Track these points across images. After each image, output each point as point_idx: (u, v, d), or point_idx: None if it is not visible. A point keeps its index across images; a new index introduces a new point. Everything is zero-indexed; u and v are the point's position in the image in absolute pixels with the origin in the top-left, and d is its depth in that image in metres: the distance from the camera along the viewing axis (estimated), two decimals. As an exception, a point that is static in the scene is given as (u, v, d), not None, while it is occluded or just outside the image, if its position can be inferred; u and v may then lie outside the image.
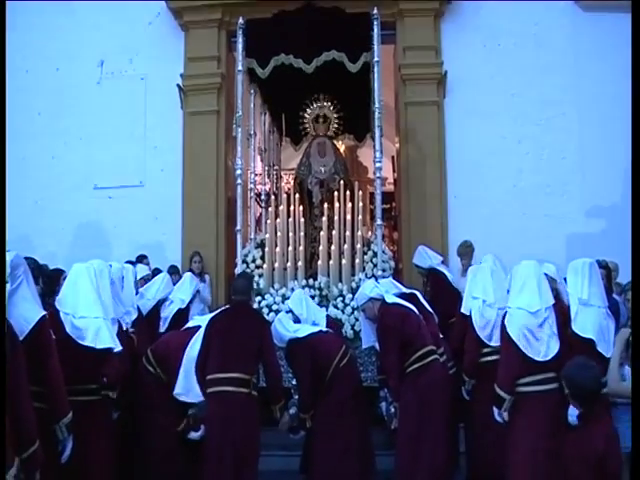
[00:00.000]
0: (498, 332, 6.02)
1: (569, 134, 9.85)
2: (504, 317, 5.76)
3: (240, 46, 8.14)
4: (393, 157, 12.39)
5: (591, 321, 5.46)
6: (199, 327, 6.25)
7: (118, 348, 5.25)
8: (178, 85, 10.24)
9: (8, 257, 4.31)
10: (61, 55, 10.62)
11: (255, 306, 7.59)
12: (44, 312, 4.52)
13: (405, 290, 6.96)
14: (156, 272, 8.68)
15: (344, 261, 8.10)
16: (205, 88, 10.27)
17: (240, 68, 8.21)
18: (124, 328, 6.09)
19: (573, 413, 4.98)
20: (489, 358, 6.31)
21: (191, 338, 6.17)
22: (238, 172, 8.13)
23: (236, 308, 6.31)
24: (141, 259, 9.19)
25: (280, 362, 6.44)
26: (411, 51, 10.16)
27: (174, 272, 9.16)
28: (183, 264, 9.68)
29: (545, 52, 9.99)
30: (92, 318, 5.11)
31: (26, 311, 4.31)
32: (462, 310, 6.99)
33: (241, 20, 8.09)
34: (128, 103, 10.47)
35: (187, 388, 5.98)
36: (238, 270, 8.20)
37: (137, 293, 7.38)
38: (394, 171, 12.44)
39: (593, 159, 9.67)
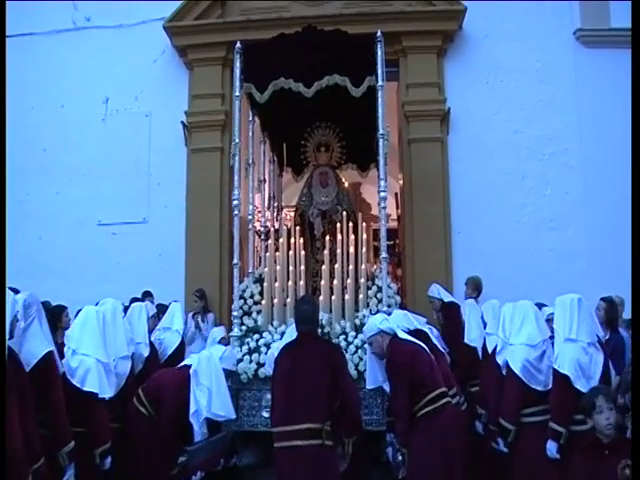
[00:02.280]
0: None
1: (572, 169, 9.89)
2: (495, 350, 6.16)
3: (238, 70, 7.79)
4: (396, 194, 12.40)
5: (569, 357, 5.48)
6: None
7: (105, 395, 5.33)
8: (182, 122, 10.30)
9: (22, 296, 4.85)
10: (66, 92, 10.72)
11: (253, 345, 7.24)
12: (51, 348, 4.92)
13: (416, 325, 6.61)
14: (160, 308, 8.67)
15: (347, 296, 7.51)
16: (209, 125, 10.32)
17: (237, 93, 7.84)
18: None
19: (552, 448, 5.38)
20: None
21: (187, 377, 5.91)
22: (235, 203, 7.73)
23: (301, 342, 5.70)
24: (146, 295, 9.18)
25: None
26: (414, 88, 10.23)
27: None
28: (186, 301, 9.65)
29: (547, 88, 10.08)
30: (86, 357, 5.34)
31: (34, 347, 4.76)
32: (466, 341, 7.31)
33: (238, 44, 7.84)
34: (132, 140, 10.53)
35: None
36: (235, 306, 7.67)
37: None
38: (397, 208, 12.45)
39: (596, 194, 9.69)
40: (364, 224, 8.43)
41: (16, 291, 5.44)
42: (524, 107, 10.07)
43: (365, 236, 8.28)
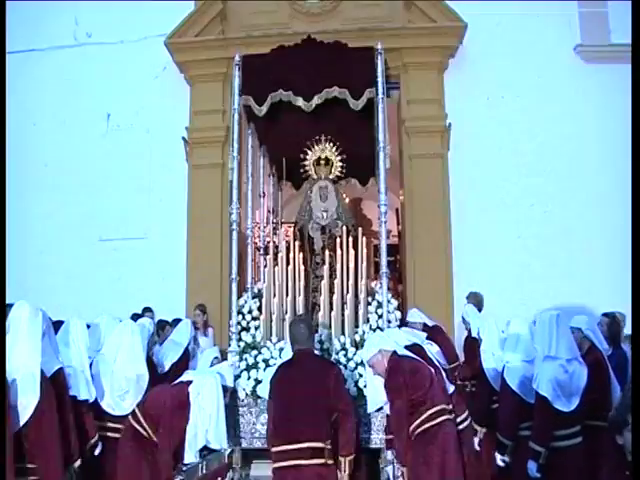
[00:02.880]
0: None
1: (573, 184, 9.89)
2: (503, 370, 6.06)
3: (236, 83, 7.64)
4: (397, 209, 12.39)
5: (548, 377, 5.50)
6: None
7: (83, 397, 5.48)
8: (183, 138, 10.33)
9: None
10: (68, 108, 10.77)
11: (251, 361, 7.01)
12: (61, 365, 5.10)
13: (411, 340, 6.29)
14: (161, 324, 8.69)
15: (347, 312, 7.24)
16: (210, 141, 10.33)
17: (236, 106, 7.65)
18: None
19: (532, 467, 5.46)
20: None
21: (186, 395, 5.65)
22: (233, 217, 7.49)
23: (297, 361, 5.56)
24: (145, 311, 9.15)
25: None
26: (415, 104, 10.27)
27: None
28: (187, 315, 9.63)
29: (548, 103, 10.11)
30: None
31: (44, 363, 4.78)
32: (474, 335, 7.51)
33: (237, 57, 7.74)
34: (134, 156, 10.58)
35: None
36: (233, 322, 7.44)
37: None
38: (398, 224, 12.43)
39: (598, 209, 9.70)
40: (364, 239, 8.18)
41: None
42: (525, 123, 10.10)
43: (365, 251, 8.03)
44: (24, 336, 4.68)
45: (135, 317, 8.37)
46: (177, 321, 9.24)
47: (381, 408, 6.06)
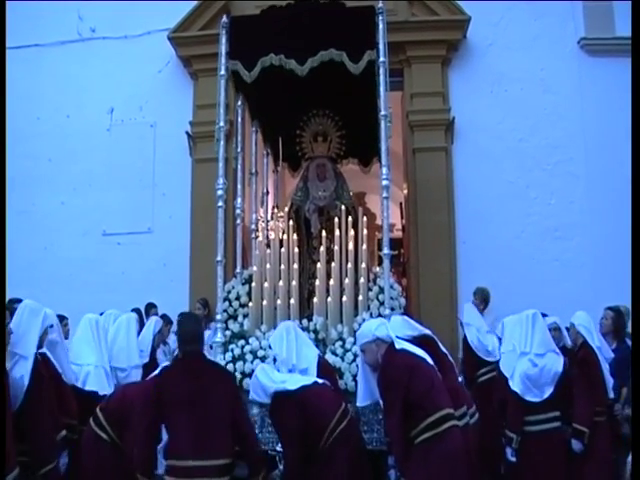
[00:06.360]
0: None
1: (577, 178, 9.88)
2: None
3: (223, 47, 7.11)
4: (401, 203, 12.39)
5: (519, 373, 6.04)
6: None
7: (104, 391, 5.61)
8: (187, 132, 10.32)
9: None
10: (72, 102, 10.77)
11: (237, 352, 6.58)
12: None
13: (420, 330, 5.72)
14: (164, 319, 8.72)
15: (345, 298, 6.73)
16: (213, 135, 10.21)
17: (223, 72, 7.13)
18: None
19: (508, 451, 6.02)
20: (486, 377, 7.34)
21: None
22: (219, 193, 7.00)
23: (190, 363, 4.99)
24: (150, 308, 9.14)
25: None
26: (418, 98, 10.25)
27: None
28: (191, 310, 9.63)
29: (552, 97, 10.09)
30: (85, 365, 5.68)
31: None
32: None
33: (225, 18, 7.21)
34: (137, 150, 10.57)
35: None
36: (219, 309, 6.96)
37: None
38: (402, 217, 12.43)
39: (601, 203, 9.67)
40: (365, 219, 7.66)
41: (19, 301, 5.55)
42: (528, 116, 10.08)
43: (366, 232, 7.46)
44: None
45: (135, 312, 8.41)
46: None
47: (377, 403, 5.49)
